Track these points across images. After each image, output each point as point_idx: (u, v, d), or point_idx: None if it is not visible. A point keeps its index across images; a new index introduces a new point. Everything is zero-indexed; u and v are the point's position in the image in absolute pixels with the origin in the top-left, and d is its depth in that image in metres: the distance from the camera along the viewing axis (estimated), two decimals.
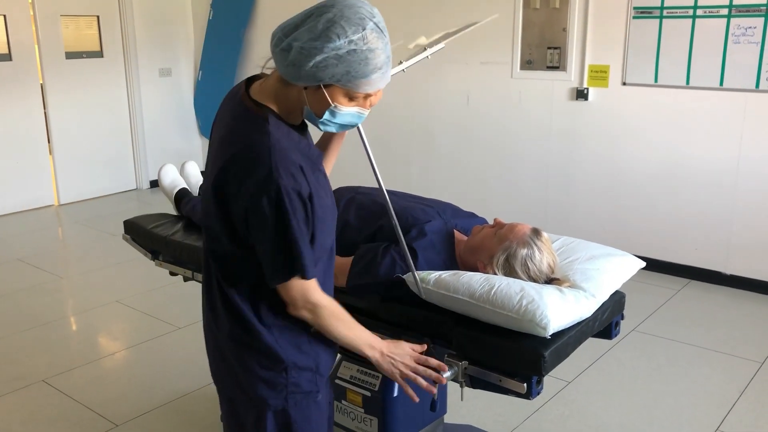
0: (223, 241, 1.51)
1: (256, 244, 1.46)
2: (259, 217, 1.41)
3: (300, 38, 1.35)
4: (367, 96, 1.44)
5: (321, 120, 1.46)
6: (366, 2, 1.40)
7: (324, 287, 1.56)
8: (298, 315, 1.53)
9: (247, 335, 1.55)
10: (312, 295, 1.50)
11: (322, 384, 1.64)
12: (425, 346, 1.68)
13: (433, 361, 1.64)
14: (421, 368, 1.61)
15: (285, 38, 1.38)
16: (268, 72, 1.52)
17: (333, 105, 1.42)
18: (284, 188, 1.39)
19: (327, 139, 1.76)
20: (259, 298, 1.54)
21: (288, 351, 1.56)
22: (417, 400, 1.65)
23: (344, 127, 1.50)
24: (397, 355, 1.61)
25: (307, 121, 1.53)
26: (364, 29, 1.35)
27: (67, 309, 4.09)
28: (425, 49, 1.91)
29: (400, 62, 1.82)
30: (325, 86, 1.39)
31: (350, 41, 1.34)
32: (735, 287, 4.16)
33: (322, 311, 1.52)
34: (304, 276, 1.46)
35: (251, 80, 1.55)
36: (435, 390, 1.63)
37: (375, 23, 1.37)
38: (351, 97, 1.43)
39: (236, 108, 1.51)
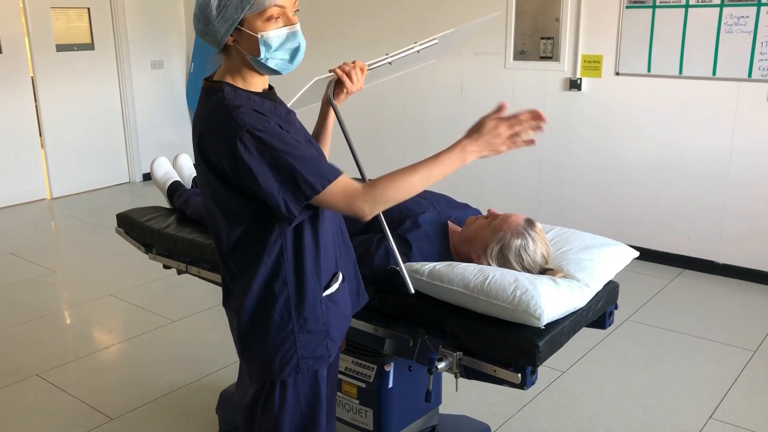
0: (233, 207, 1.53)
1: (256, 190, 1.45)
2: (248, 166, 1.43)
3: (195, 11, 1.49)
4: (280, 8, 1.46)
5: (263, 58, 1.49)
6: None
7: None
8: (367, 217, 1.50)
9: (256, 307, 1.59)
10: (351, 187, 1.47)
11: (334, 349, 1.67)
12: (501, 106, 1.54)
13: (523, 115, 1.53)
14: (517, 126, 1.53)
15: (195, 23, 1.50)
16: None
17: (259, 35, 1.47)
18: (252, 125, 1.43)
19: (320, 122, 1.80)
20: (264, 266, 1.56)
21: (295, 313, 1.59)
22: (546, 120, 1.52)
23: (292, 55, 1.51)
24: (485, 132, 1.51)
25: (262, 70, 1.54)
26: None
27: (61, 303, 4.08)
28: (415, 43, 1.89)
29: (386, 54, 1.82)
30: (242, 25, 1.46)
31: None
32: (728, 276, 4.18)
33: (375, 191, 1.48)
34: (331, 179, 1.45)
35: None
36: (536, 141, 1.55)
37: None
38: (267, 18, 1.46)
39: (201, 95, 1.59)
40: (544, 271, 1.94)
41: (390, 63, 1.83)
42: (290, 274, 1.57)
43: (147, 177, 6.66)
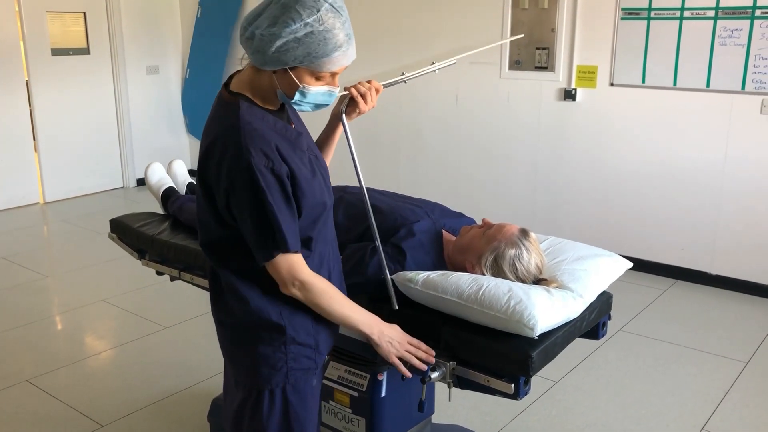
0: (213, 228, 1.58)
1: (240, 225, 1.52)
2: (237, 197, 1.48)
3: (260, 25, 1.42)
4: (333, 74, 1.50)
5: (293, 101, 1.51)
6: None
7: (321, 264, 1.64)
8: (290, 294, 1.58)
9: (248, 314, 1.60)
10: (299, 272, 1.55)
11: (321, 363, 1.68)
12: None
13: (423, 346, 1.74)
14: (413, 349, 1.71)
15: (249, 27, 1.45)
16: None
17: (301, 86, 1.48)
18: (255, 166, 1.45)
19: (326, 132, 1.82)
20: (257, 276, 1.59)
21: (288, 324, 1.60)
22: (410, 375, 1.72)
23: (318, 106, 1.56)
24: (394, 337, 1.70)
25: (284, 104, 1.58)
26: (318, 11, 1.41)
27: (53, 308, 4.05)
28: (433, 63, 1.91)
29: (402, 73, 1.82)
30: (291, 69, 1.45)
31: (306, 24, 1.40)
32: (720, 287, 4.19)
33: (312, 288, 1.57)
34: (286, 249, 1.51)
35: (234, 75, 1.62)
36: (425, 367, 1.72)
37: (330, 3, 1.43)
38: (317, 77, 1.49)
39: (216, 101, 1.59)
40: (538, 281, 1.94)
41: (405, 82, 1.84)
42: None
43: (141, 182, 6.65)
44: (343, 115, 1.72)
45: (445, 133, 5.16)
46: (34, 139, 6.11)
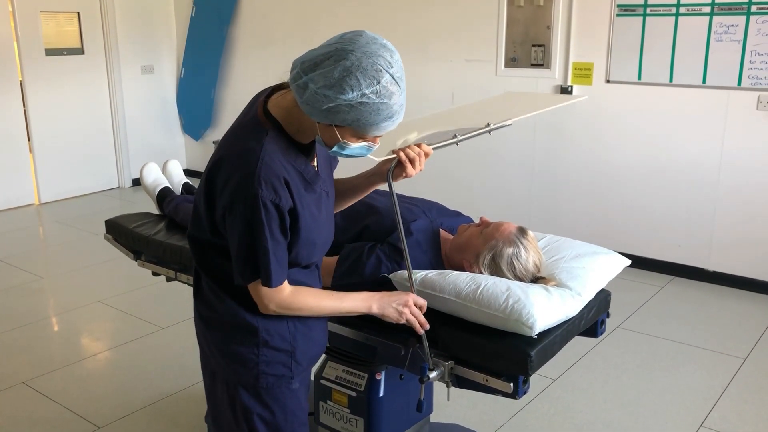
0: (204, 228, 1.57)
1: (229, 241, 1.52)
2: (234, 219, 1.47)
3: (316, 81, 1.36)
4: (375, 137, 1.47)
5: (331, 150, 1.49)
6: (387, 47, 1.38)
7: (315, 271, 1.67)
8: (268, 313, 1.58)
9: (224, 310, 1.62)
10: (277, 298, 1.55)
11: (298, 372, 1.66)
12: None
13: (420, 301, 1.72)
14: (416, 311, 1.69)
15: (303, 75, 1.38)
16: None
17: (343, 142, 1.45)
18: (261, 198, 1.44)
19: (361, 186, 1.77)
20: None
21: (262, 327, 1.61)
22: (428, 327, 1.70)
23: (353, 156, 1.52)
24: (392, 301, 1.67)
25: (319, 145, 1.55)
26: (378, 82, 1.35)
27: (48, 310, 4.03)
28: (488, 125, 1.86)
29: (455, 136, 1.78)
30: (337, 126, 1.41)
31: (363, 94, 1.35)
32: (718, 284, 4.19)
33: (292, 306, 1.58)
34: (269, 285, 1.52)
35: (278, 87, 1.56)
36: (428, 326, 1.70)
37: (391, 75, 1.37)
38: (360, 137, 1.45)
39: (249, 110, 1.56)
40: (536, 279, 1.93)
41: (457, 144, 1.79)
42: None
43: (137, 182, 6.62)
44: (390, 179, 1.66)
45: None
46: (28, 140, 6.08)
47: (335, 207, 1.75)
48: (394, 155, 1.66)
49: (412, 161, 1.65)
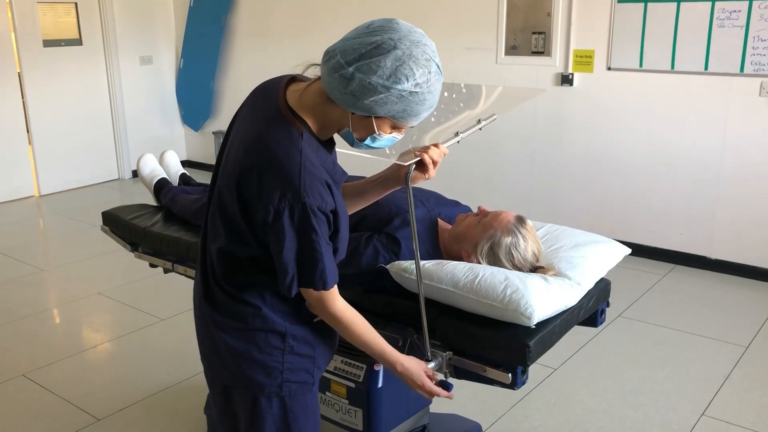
0: (248, 242, 1.48)
1: (273, 251, 1.45)
2: (281, 230, 1.41)
3: (366, 72, 1.31)
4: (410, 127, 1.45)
5: (360, 143, 1.45)
6: (425, 35, 1.37)
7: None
8: (324, 317, 1.55)
9: (248, 317, 1.55)
10: (332, 304, 1.52)
11: (318, 377, 1.64)
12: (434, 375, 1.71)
13: (435, 378, 1.69)
14: (428, 382, 1.65)
15: (347, 66, 1.32)
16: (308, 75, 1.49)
17: (378, 133, 1.42)
18: (310, 207, 1.39)
19: (377, 188, 1.73)
20: (262, 285, 1.54)
21: (289, 333, 1.56)
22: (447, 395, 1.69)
23: (377, 148, 1.50)
24: (413, 371, 1.63)
25: (341, 136, 1.50)
26: (429, 72, 1.34)
27: (48, 302, 4.03)
28: (479, 122, 1.85)
29: (456, 134, 1.76)
30: (376, 117, 1.38)
31: (416, 84, 1.33)
32: (720, 272, 4.17)
33: (341, 321, 1.54)
34: (324, 288, 1.48)
35: (290, 80, 1.51)
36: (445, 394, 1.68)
37: (437, 64, 1.36)
38: (396, 128, 1.43)
39: (271, 109, 1.46)
40: (535, 269, 1.92)
41: (458, 142, 1.76)
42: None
43: (136, 174, 6.57)
44: (409, 182, 1.62)
45: (440, 119, 5.12)
46: (27, 132, 6.06)
47: None
48: (417, 157, 1.60)
49: (435, 164, 1.61)
